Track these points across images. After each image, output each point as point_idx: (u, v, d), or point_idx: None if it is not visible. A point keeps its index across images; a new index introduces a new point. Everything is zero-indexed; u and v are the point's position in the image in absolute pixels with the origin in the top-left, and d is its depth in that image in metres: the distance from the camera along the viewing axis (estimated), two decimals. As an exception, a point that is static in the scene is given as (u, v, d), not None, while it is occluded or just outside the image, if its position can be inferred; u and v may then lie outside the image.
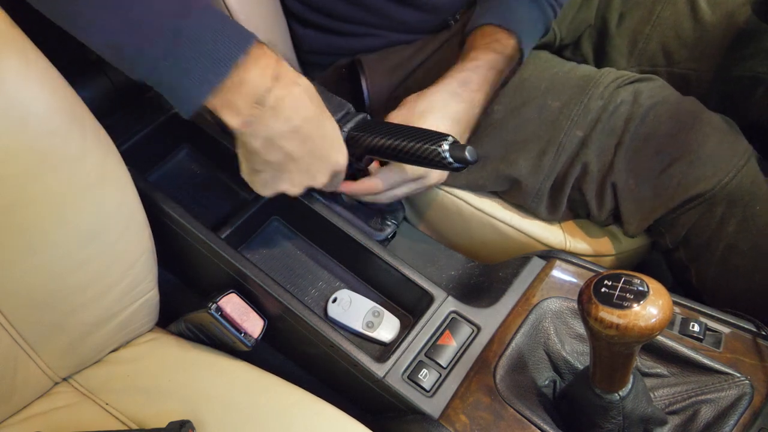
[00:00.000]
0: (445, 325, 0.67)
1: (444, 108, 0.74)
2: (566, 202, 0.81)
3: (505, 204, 0.86)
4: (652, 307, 0.47)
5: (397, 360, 0.64)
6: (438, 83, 0.76)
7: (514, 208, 0.86)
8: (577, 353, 0.68)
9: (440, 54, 0.89)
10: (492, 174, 0.82)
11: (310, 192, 0.75)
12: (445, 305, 0.68)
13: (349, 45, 0.90)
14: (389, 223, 0.76)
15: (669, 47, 0.92)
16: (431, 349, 0.65)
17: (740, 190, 0.74)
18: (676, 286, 0.91)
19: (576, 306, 0.54)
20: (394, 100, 0.88)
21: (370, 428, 0.62)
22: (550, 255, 0.74)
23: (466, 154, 0.65)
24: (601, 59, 0.98)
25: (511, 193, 0.84)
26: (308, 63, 0.95)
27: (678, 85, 0.83)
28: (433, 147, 0.65)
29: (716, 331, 0.67)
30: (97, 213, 0.59)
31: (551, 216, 0.84)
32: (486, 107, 0.79)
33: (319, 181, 0.64)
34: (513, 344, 0.65)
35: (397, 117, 0.75)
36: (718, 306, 0.79)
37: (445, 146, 0.65)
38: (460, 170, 0.67)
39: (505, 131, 0.81)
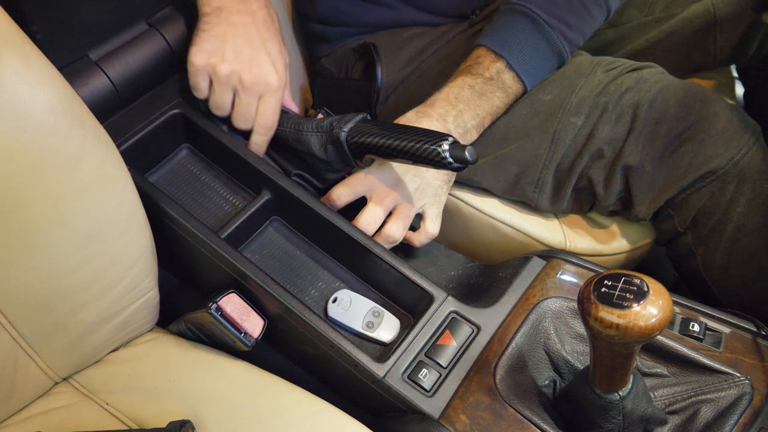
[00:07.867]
0: (445, 325, 0.67)
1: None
2: (571, 192, 0.80)
3: (505, 204, 0.86)
4: (652, 307, 0.47)
5: (397, 360, 0.64)
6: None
7: (514, 208, 0.86)
8: (577, 353, 0.68)
9: (452, 45, 0.89)
10: (491, 171, 0.82)
11: (309, 190, 0.75)
12: (445, 305, 0.68)
13: (364, 15, 0.91)
14: None
15: None
16: (431, 349, 0.65)
17: (751, 167, 0.74)
18: (677, 285, 0.91)
19: (576, 306, 0.54)
20: (403, 91, 0.89)
21: (370, 428, 0.62)
22: (550, 255, 0.74)
23: (466, 154, 0.65)
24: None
25: (513, 189, 0.83)
26: (317, 36, 0.96)
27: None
28: (433, 147, 0.65)
29: (716, 331, 0.67)
30: (97, 213, 0.59)
31: (554, 207, 0.83)
32: (471, 122, 0.78)
33: (246, 78, 0.71)
34: (513, 344, 0.65)
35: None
36: (722, 296, 0.79)
37: (445, 146, 0.65)
38: (460, 170, 0.67)
39: (498, 128, 0.81)
